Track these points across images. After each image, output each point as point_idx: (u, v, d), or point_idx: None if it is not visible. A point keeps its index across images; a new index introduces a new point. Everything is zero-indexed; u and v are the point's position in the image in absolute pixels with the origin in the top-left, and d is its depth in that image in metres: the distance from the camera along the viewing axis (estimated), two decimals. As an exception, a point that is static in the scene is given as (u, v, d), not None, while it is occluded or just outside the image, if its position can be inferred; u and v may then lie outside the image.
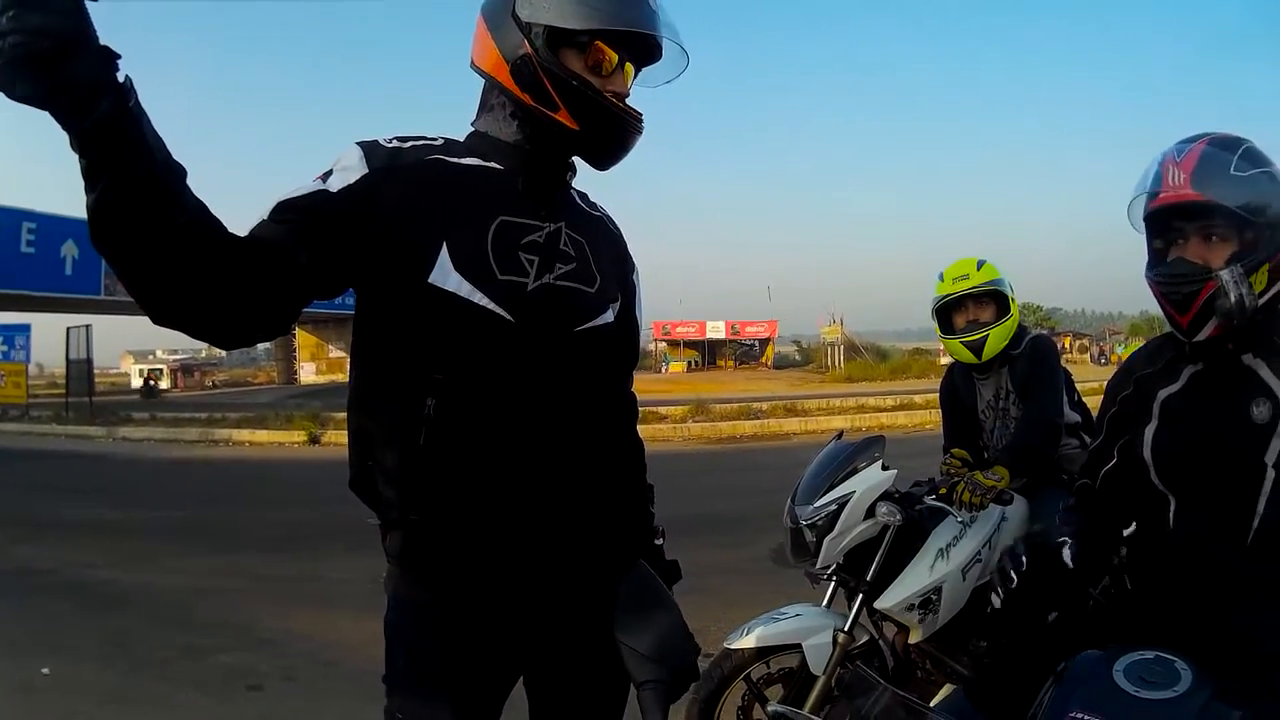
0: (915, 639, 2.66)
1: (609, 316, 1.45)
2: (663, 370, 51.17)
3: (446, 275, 1.26)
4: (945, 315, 3.03)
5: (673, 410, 16.95)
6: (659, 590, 1.18)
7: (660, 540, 1.63)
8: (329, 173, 1.26)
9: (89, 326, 23.53)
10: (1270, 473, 1.43)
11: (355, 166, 1.26)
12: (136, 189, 0.97)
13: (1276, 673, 1.43)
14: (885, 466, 2.67)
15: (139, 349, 75.78)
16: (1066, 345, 47.15)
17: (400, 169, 1.29)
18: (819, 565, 2.64)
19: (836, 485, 2.63)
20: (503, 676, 1.44)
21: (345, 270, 1.26)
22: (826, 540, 2.57)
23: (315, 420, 15.83)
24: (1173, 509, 1.58)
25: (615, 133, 1.37)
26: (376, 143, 1.31)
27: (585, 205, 1.53)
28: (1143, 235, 1.57)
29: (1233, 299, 1.41)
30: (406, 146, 1.32)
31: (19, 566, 6.17)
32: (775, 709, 2.65)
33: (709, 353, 55.80)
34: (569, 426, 1.39)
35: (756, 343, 56.92)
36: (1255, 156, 1.46)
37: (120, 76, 0.94)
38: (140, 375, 53.15)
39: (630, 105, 1.38)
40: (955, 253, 3.03)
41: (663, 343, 55.94)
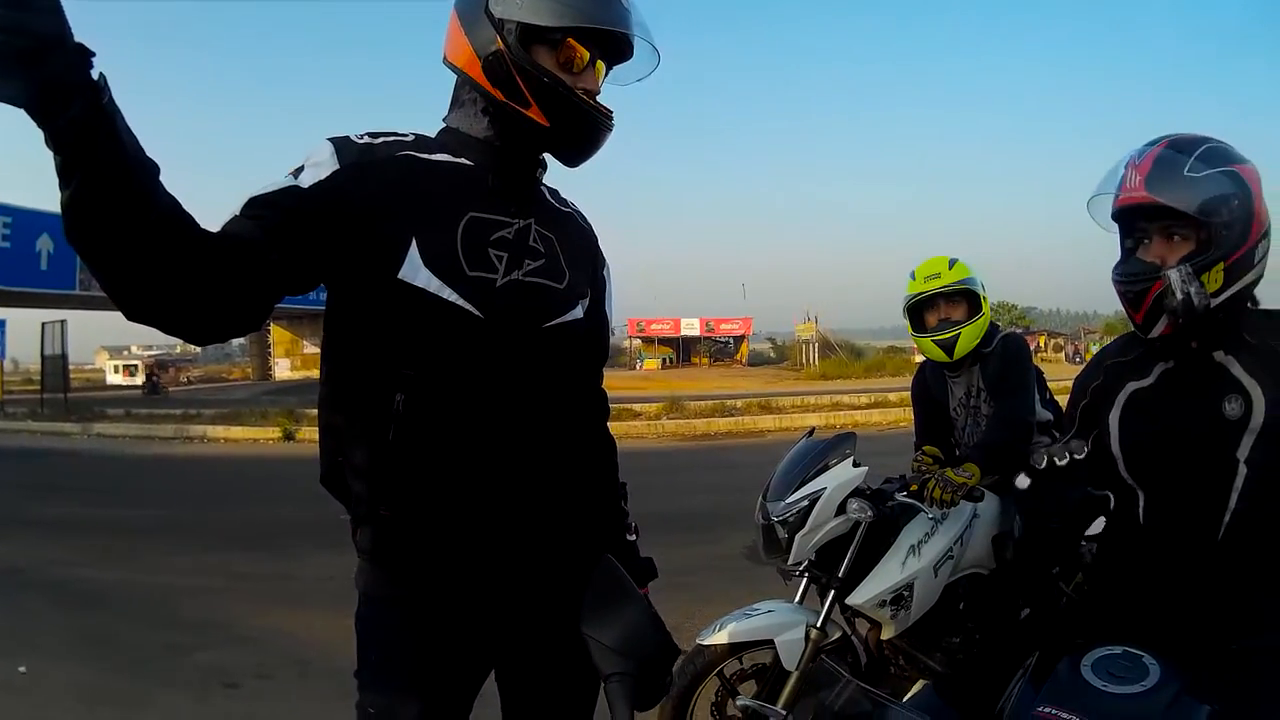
0: (888, 635, 2.67)
1: (578, 312, 1.46)
2: (637, 367, 51.12)
3: (416, 271, 1.27)
4: (917, 313, 3.04)
5: (647, 407, 16.96)
6: (625, 584, 1.19)
7: (634, 537, 1.65)
8: (301, 168, 1.26)
9: (64, 322, 23.16)
10: (1242, 468, 1.45)
11: (326, 162, 1.26)
12: (109, 186, 0.98)
13: (1247, 667, 1.45)
14: (856, 463, 2.68)
15: (114, 345, 74.91)
16: (1042, 344, 47.61)
17: (371, 165, 1.29)
18: (790, 562, 2.64)
19: (808, 482, 2.64)
20: (473, 671, 1.45)
21: (316, 266, 1.25)
22: (798, 536, 2.58)
23: (290, 417, 15.74)
24: (1142, 503, 1.59)
25: (585, 130, 1.38)
26: (348, 139, 1.31)
27: (555, 201, 1.54)
28: (1108, 233, 1.59)
29: (1179, 298, 1.43)
30: (378, 142, 1.32)
31: (-5, 565, 6.11)
32: (745, 703, 2.67)
33: (684, 350, 55.83)
34: (538, 422, 1.40)
35: (731, 340, 57.03)
36: (1214, 157, 1.47)
37: (94, 74, 0.94)
38: (115, 371, 52.45)
39: (601, 103, 1.39)
40: (931, 251, 3.04)
41: (637, 339, 55.91)
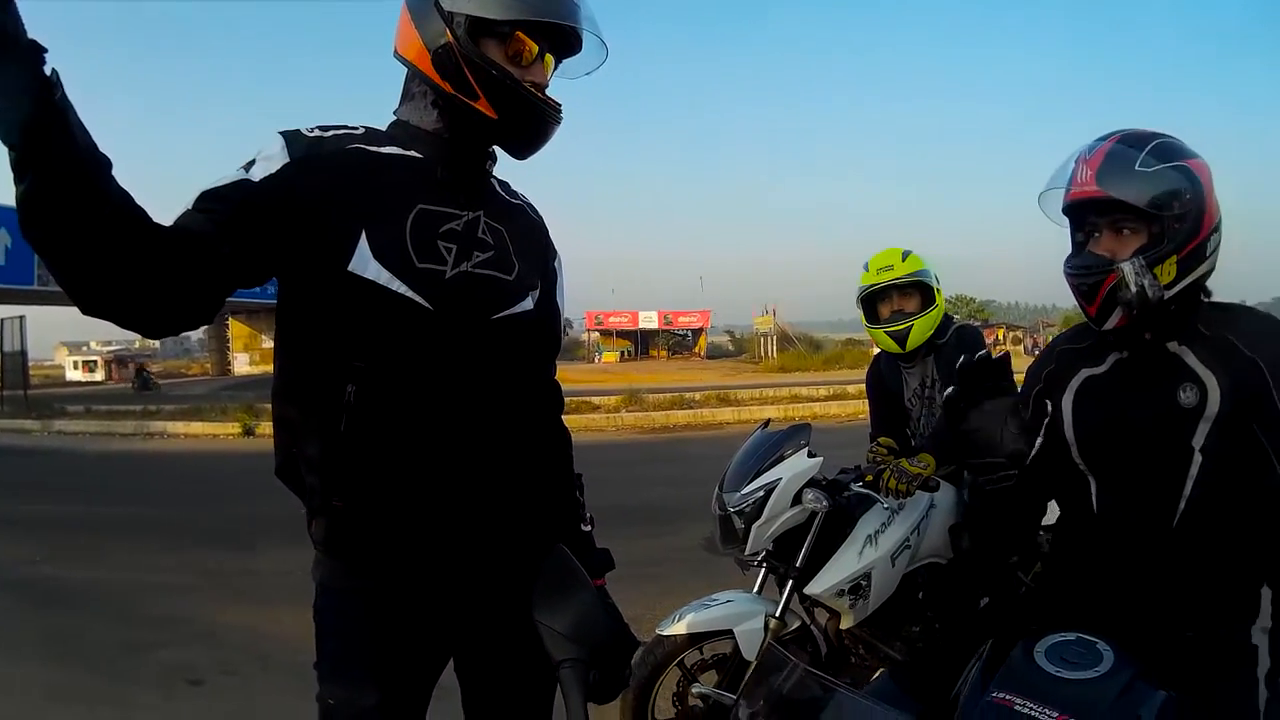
0: (847, 624, 2.71)
1: (528, 304, 1.47)
2: (595, 360, 51.04)
3: (366, 264, 1.28)
4: (871, 305, 3.06)
5: (606, 400, 16.96)
6: (576, 571, 1.21)
7: (589, 528, 1.66)
8: (252, 162, 1.27)
9: (23, 317, 22.63)
10: (1198, 456, 1.47)
11: (277, 156, 1.27)
12: (63, 181, 0.98)
13: (1203, 655, 1.47)
14: (812, 453, 2.71)
15: (73, 340, 73.16)
16: (1000, 337, 48.39)
17: (321, 158, 1.29)
18: (748, 552, 2.67)
19: (764, 472, 2.67)
20: (431, 660, 1.48)
21: (267, 259, 1.26)
22: (754, 527, 2.61)
23: (250, 412, 15.55)
24: (1094, 490, 1.61)
25: (533, 122, 1.40)
26: (298, 132, 1.31)
27: (506, 193, 1.55)
28: (1060, 227, 1.61)
29: (1133, 290, 1.45)
30: (328, 136, 1.33)
31: (-43, 563, 6.00)
32: (701, 690, 2.70)
33: (642, 343, 55.90)
34: (489, 413, 1.42)
35: (690, 333, 57.21)
36: (1166, 152, 1.48)
37: (47, 70, 0.93)
38: (75, 367, 51.40)
39: (549, 95, 1.40)
40: (888, 244, 3.07)
41: (595, 332, 55.90)
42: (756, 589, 2.81)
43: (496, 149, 1.47)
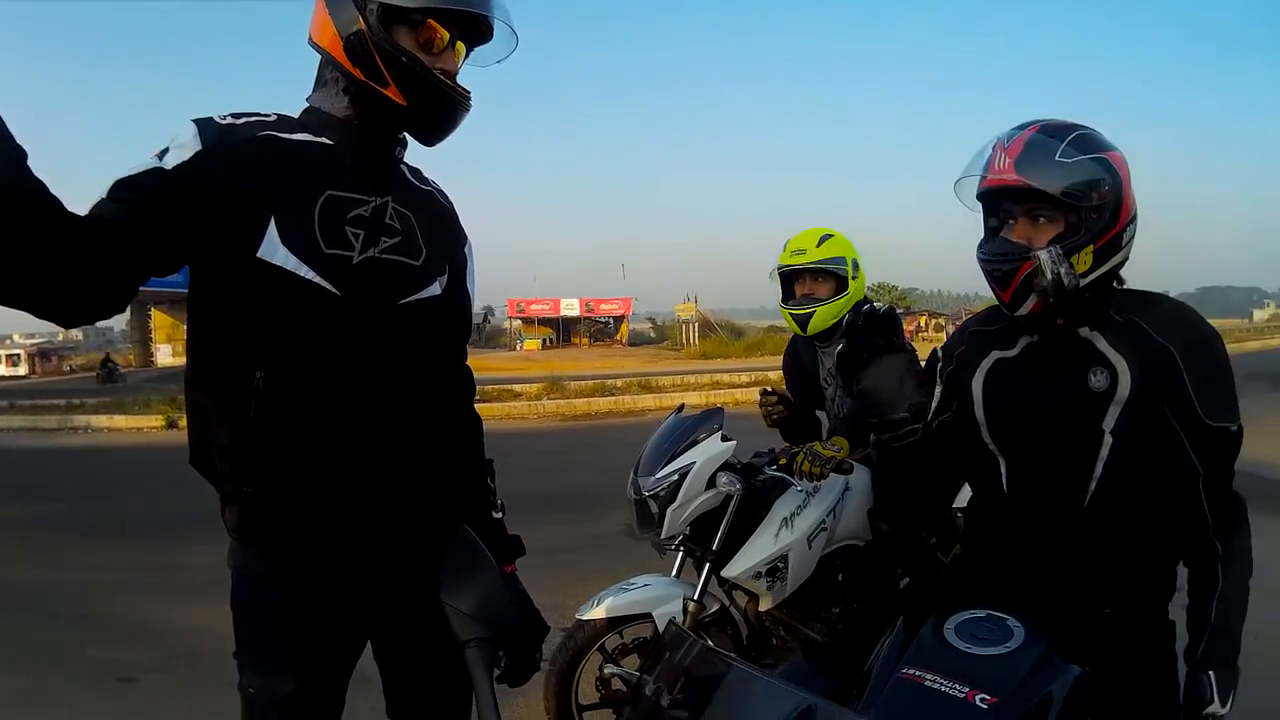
0: (765, 606, 2.73)
1: (435, 289, 1.49)
2: (517, 348, 50.61)
3: (274, 250, 1.29)
4: (788, 283, 3.07)
5: (528, 388, 16.91)
6: (481, 552, 1.24)
7: (500, 514, 1.68)
8: (165, 150, 1.27)
9: (-55, 313, 21.35)
10: (1108, 438, 1.50)
11: (189, 143, 1.27)
12: None
13: (1117, 632, 1.51)
14: (725, 437, 2.72)
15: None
16: (923, 324, 49.63)
17: (232, 145, 1.30)
18: (663, 536, 2.67)
19: (677, 456, 2.68)
20: (346, 646, 1.50)
21: (180, 246, 1.26)
22: (669, 511, 2.62)
23: (173, 404, 15.08)
24: (1004, 471, 1.63)
25: (441, 109, 1.42)
26: (211, 120, 1.32)
27: (416, 180, 1.57)
28: (976, 213, 1.63)
29: (1049, 278, 1.46)
30: (240, 123, 1.34)
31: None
32: (610, 670, 2.72)
33: (563, 330, 55.68)
34: (397, 398, 1.44)
35: (611, 320, 57.26)
36: (1086, 144, 1.50)
37: None
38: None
39: (458, 83, 1.43)
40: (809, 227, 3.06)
41: (517, 320, 55.47)
42: (675, 572, 2.82)
43: (407, 136, 1.49)
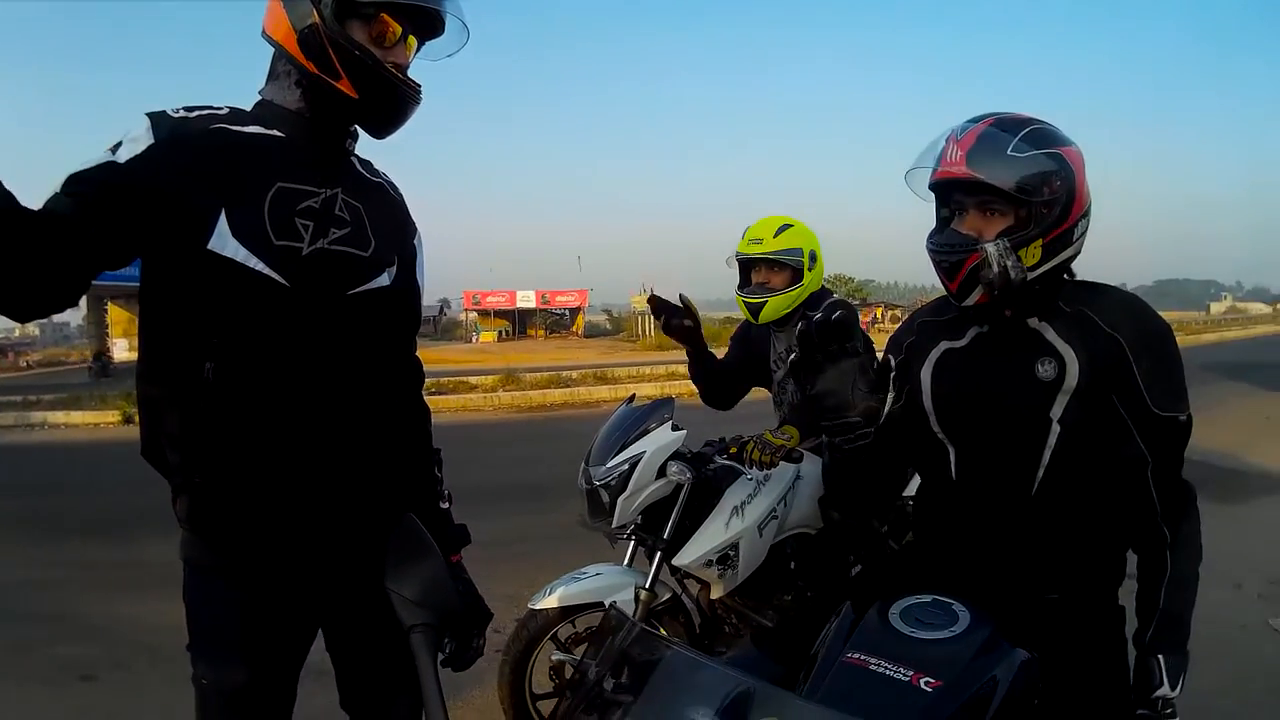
0: (717, 594, 2.76)
1: (384, 280, 1.51)
2: (473, 340, 50.26)
3: (225, 242, 1.30)
4: (745, 270, 3.07)
5: (483, 380, 16.78)
6: (424, 539, 1.27)
7: (447, 504, 1.70)
8: (119, 144, 1.28)
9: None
10: (1055, 427, 1.52)
11: (142, 137, 1.28)
12: None
13: (1064, 616, 1.54)
14: (676, 427, 2.74)
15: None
16: (879, 315, 50.19)
17: (184, 138, 1.31)
18: (615, 524, 2.69)
19: (628, 446, 2.70)
20: (297, 635, 1.52)
21: (132, 239, 1.27)
22: (620, 500, 2.63)
23: (129, 399, 14.56)
24: (953, 459, 1.65)
25: (392, 102, 1.44)
26: (164, 113, 1.33)
27: (366, 172, 1.58)
28: (923, 204, 1.64)
29: (995, 270, 1.48)
30: (192, 116, 1.35)
31: None
32: (557, 657, 2.76)
33: (519, 322, 55.36)
34: (346, 388, 1.45)
35: (567, 312, 57.01)
36: (1039, 139, 1.51)
37: None
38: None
39: (409, 77, 1.45)
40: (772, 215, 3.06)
41: (473, 312, 55.04)
42: (627, 561, 2.84)
43: (358, 128, 1.50)
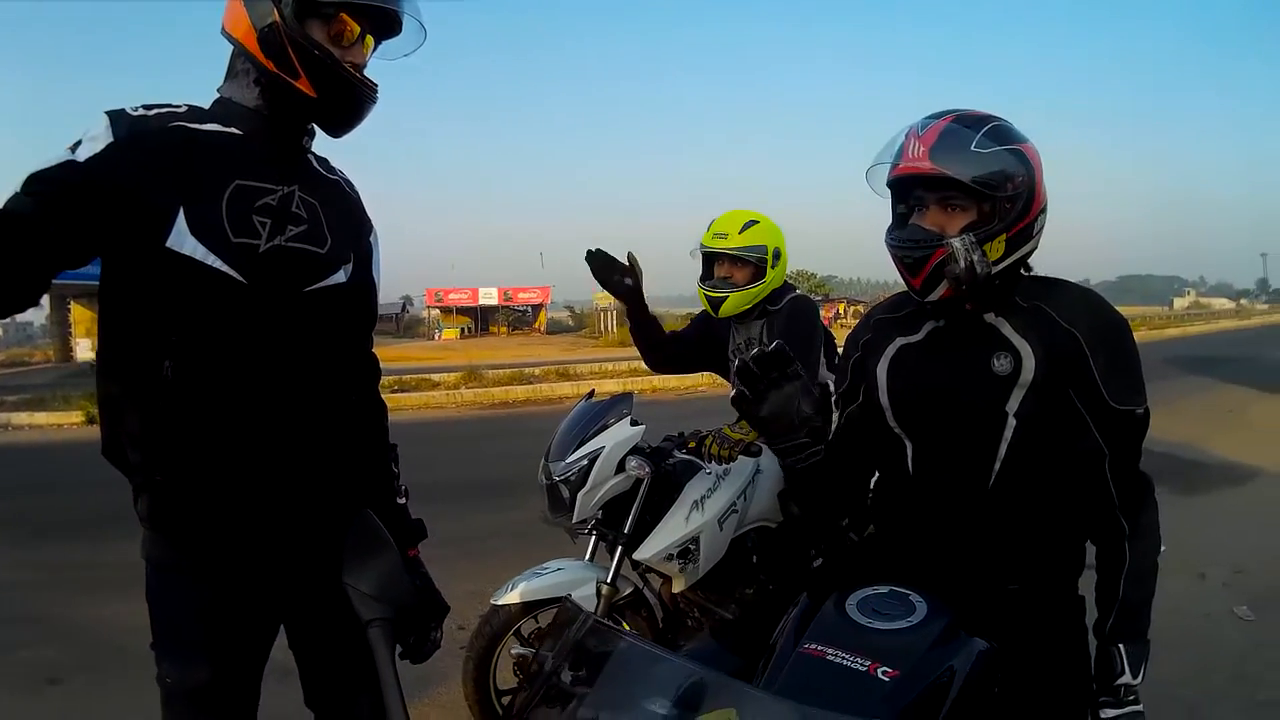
0: (679, 588, 2.77)
1: (340, 277, 1.52)
2: (436, 337, 49.92)
3: (183, 239, 1.31)
4: (708, 262, 3.07)
5: (445, 377, 16.67)
6: (381, 534, 1.28)
7: (404, 500, 1.71)
8: (79, 143, 1.28)
9: None
10: (1011, 420, 1.54)
11: (102, 136, 1.28)
12: None
13: (1023, 607, 1.55)
14: (635, 422, 2.76)
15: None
16: (841, 310, 50.67)
17: (143, 136, 1.31)
18: (575, 520, 2.70)
19: (587, 441, 2.71)
20: (259, 632, 1.52)
21: (91, 238, 1.28)
22: (580, 495, 2.65)
23: (92, 399, 14.18)
24: (910, 453, 1.66)
25: (350, 101, 1.46)
26: (123, 111, 1.33)
27: (323, 170, 1.59)
28: (885, 200, 1.64)
29: (962, 265, 1.49)
30: (151, 114, 1.35)
31: None
32: (517, 651, 2.77)
33: (482, 319, 55.18)
34: (303, 385, 1.46)
35: (530, 308, 56.95)
36: (1001, 135, 1.53)
37: None
38: None
39: (366, 76, 1.46)
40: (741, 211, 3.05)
41: (436, 309, 54.74)
42: (588, 556, 2.86)
43: (315, 126, 1.51)
